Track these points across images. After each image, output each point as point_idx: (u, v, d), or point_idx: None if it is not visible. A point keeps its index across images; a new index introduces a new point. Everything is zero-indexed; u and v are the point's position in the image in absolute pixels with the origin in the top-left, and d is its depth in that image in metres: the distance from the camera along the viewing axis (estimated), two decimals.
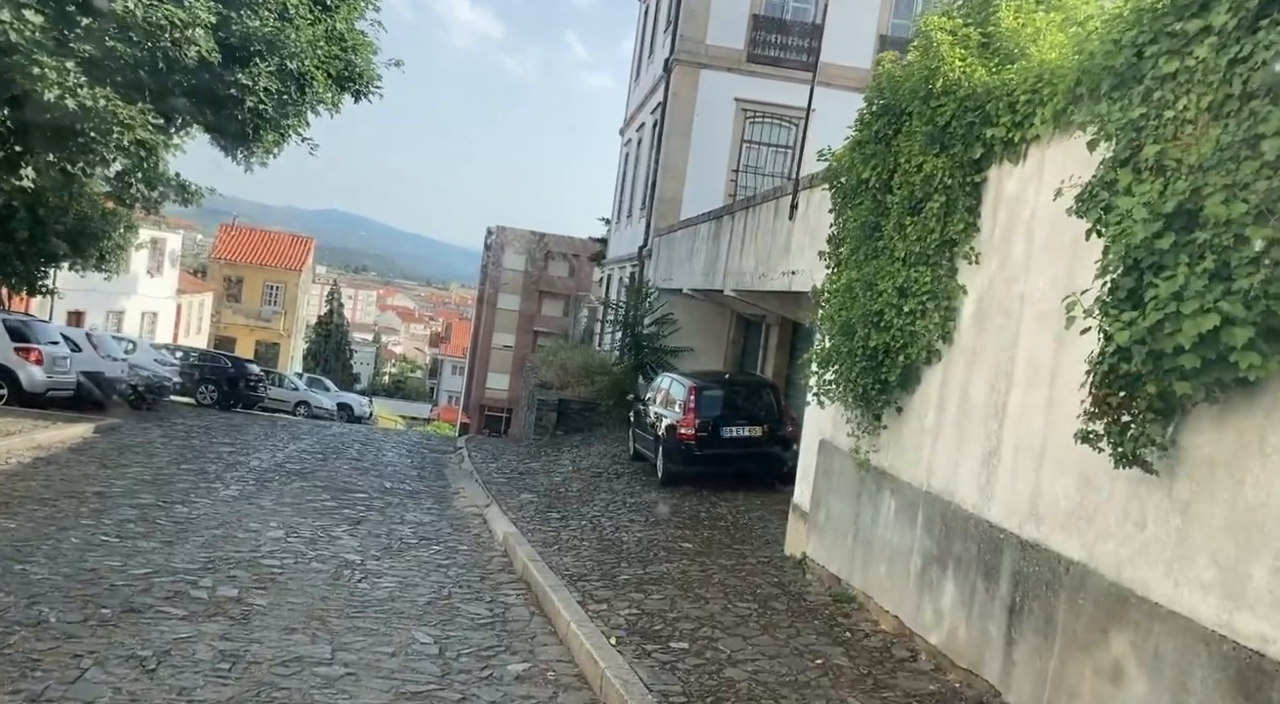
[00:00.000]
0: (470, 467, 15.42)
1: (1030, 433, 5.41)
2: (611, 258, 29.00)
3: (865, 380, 7.09)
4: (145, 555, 7.41)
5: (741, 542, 9.85)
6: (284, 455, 14.77)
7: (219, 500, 10.08)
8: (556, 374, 22.42)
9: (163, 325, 39.01)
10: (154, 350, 23.68)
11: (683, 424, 12.88)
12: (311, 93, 13.98)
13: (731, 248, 13.59)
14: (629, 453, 15.87)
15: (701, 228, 16.15)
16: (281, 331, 50.27)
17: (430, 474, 14.72)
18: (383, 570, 7.91)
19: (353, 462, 15.15)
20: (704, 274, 15.44)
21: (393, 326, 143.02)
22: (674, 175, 21.52)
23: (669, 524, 10.61)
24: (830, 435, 8.50)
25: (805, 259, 10.14)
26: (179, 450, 13.78)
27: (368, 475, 13.61)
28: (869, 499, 7.44)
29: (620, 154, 30.60)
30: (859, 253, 7.45)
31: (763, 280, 11.77)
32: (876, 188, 7.32)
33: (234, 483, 11.32)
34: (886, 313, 6.84)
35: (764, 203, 12.25)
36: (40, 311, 33.01)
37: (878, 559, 7.18)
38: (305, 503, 10.57)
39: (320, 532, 9.14)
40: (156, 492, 10.10)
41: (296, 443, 17.01)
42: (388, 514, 10.53)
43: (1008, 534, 5.49)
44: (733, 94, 21.52)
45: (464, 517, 10.92)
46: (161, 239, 38.42)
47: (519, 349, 76.58)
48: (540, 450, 17.76)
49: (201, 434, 16.58)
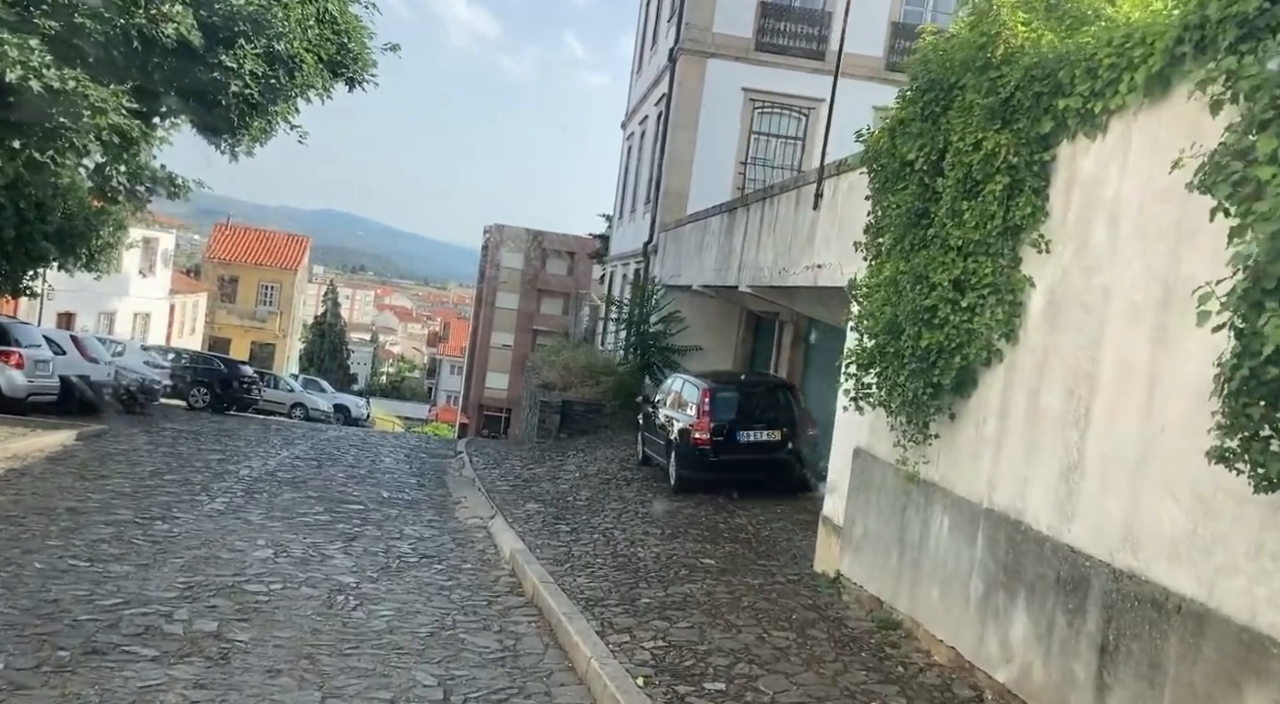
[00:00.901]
0: (472, 473, 14.71)
1: (1123, 446, 4.71)
2: (614, 254, 28.29)
3: (914, 384, 6.38)
4: (116, 582, 6.70)
5: (767, 557, 9.15)
6: (276, 463, 14.05)
7: (203, 515, 9.36)
8: (559, 374, 21.72)
9: (155, 326, 38.25)
10: (143, 352, 22.94)
11: (696, 428, 12.18)
12: (301, 77, 13.15)
13: (747, 241, 12.88)
14: (638, 457, 15.17)
15: (713, 221, 15.44)
16: (277, 332, 49.51)
17: (430, 482, 14.01)
18: (380, 595, 7.20)
19: (348, 469, 14.43)
20: (716, 270, 14.73)
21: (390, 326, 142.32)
22: (680, 168, 20.80)
23: (687, 537, 9.90)
24: (867, 444, 7.80)
25: (832, 251, 9.44)
26: (165, 458, 13.06)
27: (364, 484, 12.90)
28: (916, 515, 6.74)
29: (622, 149, 29.89)
30: (904, 243, 6.74)
31: (783, 275, 11.07)
32: (924, 170, 6.61)
33: (221, 495, 10.60)
34: (940, 309, 6.13)
35: (783, 193, 11.54)
36: (29, 313, 32.32)
37: (928, 582, 6.49)
38: (297, 516, 9.86)
39: (312, 550, 8.43)
40: (136, 506, 9.38)
41: (289, 449, 16.29)
42: (385, 528, 9.82)
43: (1095, 561, 4.78)
44: (740, 84, 20.81)
45: (467, 529, 10.22)
46: (154, 238, 37.65)
47: (518, 348, 75.90)
48: (544, 454, 17.06)
49: (190, 440, 15.86)
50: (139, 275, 36.91)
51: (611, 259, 28.72)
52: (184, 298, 42.07)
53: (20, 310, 31.78)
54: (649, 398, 15.11)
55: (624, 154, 29.33)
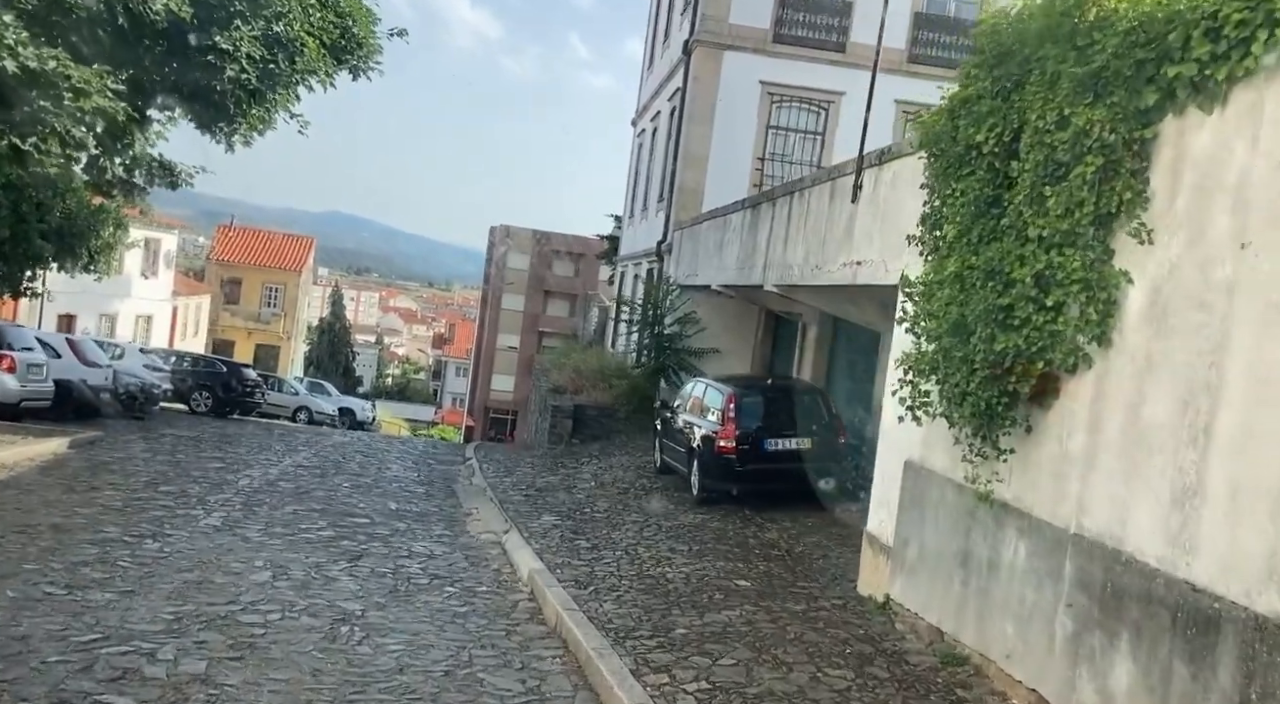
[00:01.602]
0: (483, 482, 14.04)
1: (1260, 469, 4.01)
2: (624, 254, 27.61)
3: (986, 393, 5.69)
4: (95, 613, 6.03)
5: (806, 577, 8.46)
6: (278, 472, 13.39)
7: (198, 532, 8.70)
8: (570, 378, 21.06)
9: (158, 329, 37.69)
10: (143, 355, 22.32)
11: (721, 435, 11.50)
12: (302, 62, 12.38)
13: (774, 238, 12.20)
14: (656, 465, 14.49)
15: (733, 218, 14.76)
16: (281, 334, 48.93)
17: (439, 491, 13.35)
18: (388, 625, 6.53)
19: (354, 477, 13.77)
20: (738, 268, 14.04)
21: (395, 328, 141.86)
22: (695, 165, 20.12)
23: (715, 554, 9.22)
24: (920, 456, 7.12)
25: (875, 247, 8.75)
26: (161, 467, 12.42)
27: (370, 494, 12.23)
28: (985, 538, 6.05)
29: (632, 146, 29.25)
30: (971, 235, 6.05)
31: (816, 273, 10.38)
32: (994, 153, 5.92)
33: (218, 508, 9.94)
34: (1019, 308, 5.44)
35: (815, 186, 10.85)
36: (29, 316, 31.79)
37: (1000, 614, 5.79)
38: (298, 532, 9.19)
39: (314, 571, 7.76)
40: (125, 522, 8.72)
41: (292, 456, 15.64)
42: (393, 544, 9.15)
43: (1227, 603, 4.09)
44: (757, 77, 20.13)
45: (480, 546, 9.54)
46: (155, 239, 37.09)
47: (524, 350, 75.31)
48: (557, 461, 16.38)
49: (189, 447, 15.22)
50: (141, 277, 36.36)
51: (622, 259, 28.05)
52: (187, 300, 41.51)
53: (20, 312, 31.29)
54: (668, 403, 14.43)
55: (634, 152, 28.68)
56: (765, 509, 11.36)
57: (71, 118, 9.79)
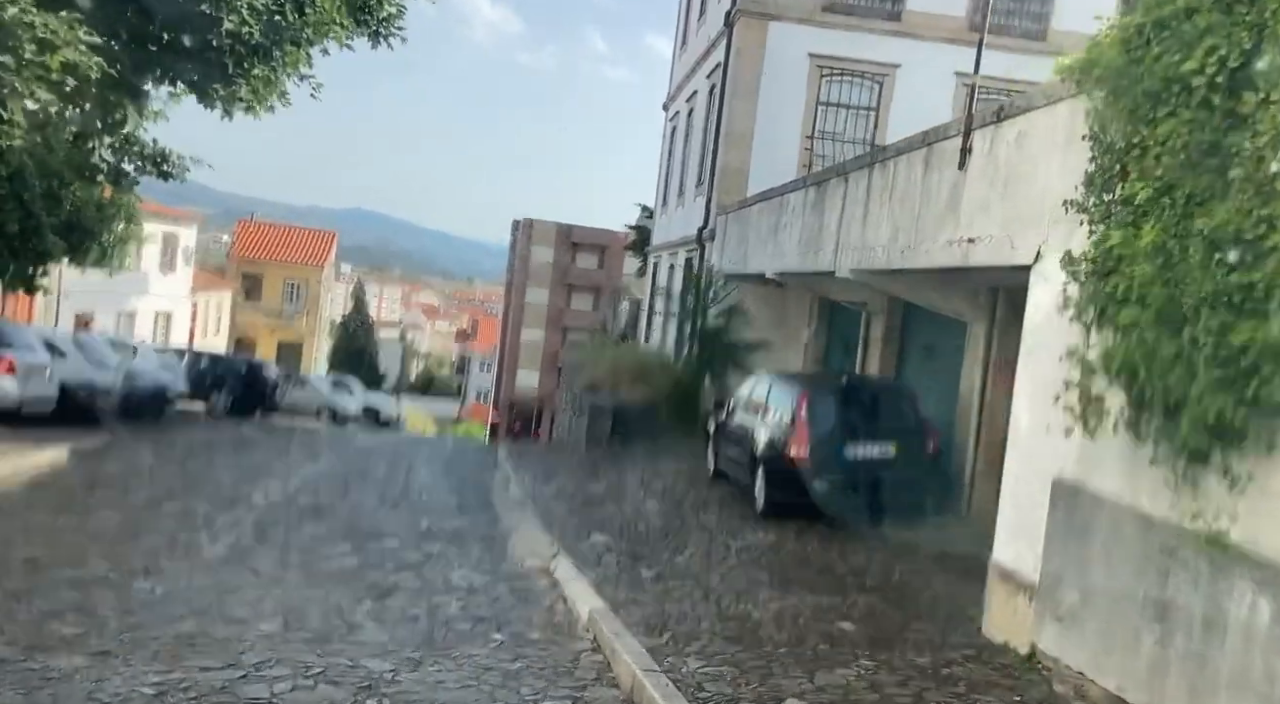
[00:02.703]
0: (520, 492, 12.76)
1: None
2: (657, 244, 26.24)
3: (1214, 400, 4.29)
4: (56, 686, 4.78)
5: (918, 617, 7.08)
6: (297, 483, 12.18)
7: (200, 565, 7.46)
8: (607, 375, 19.74)
9: (178, 326, 36.79)
10: (158, 355, 21.25)
11: (793, 442, 10.14)
12: (314, 15, 10.89)
13: (848, 218, 10.80)
14: (709, 471, 13.18)
15: (792, 198, 13.36)
16: (304, 331, 48.01)
17: (474, 504, 12.08)
18: (424, 692, 5.22)
19: (380, 489, 12.54)
20: (801, 253, 12.65)
21: (418, 323, 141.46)
22: (739, 144, 18.71)
23: (802, 584, 7.87)
24: (1077, 477, 5.72)
25: (994, 220, 7.34)
26: (168, 480, 11.24)
27: (399, 510, 10.98)
28: (1197, 588, 4.65)
29: (664, 130, 27.87)
30: (1177, 193, 4.64)
31: (909, 255, 8.97)
32: (1213, 85, 4.51)
33: (226, 532, 8.70)
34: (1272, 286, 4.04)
35: (902, 154, 9.44)
36: (46, 313, 30.93)
37: (1228, 691, 4.40)
38: (317, 562, 7.93)
39: (335, 616, 6.48)
40: (116, 554, 7.49)
41: (313, 464, 14.45)
42: (426, 576, 7.86)
43: None
44: (806, 49, 18.67)
45: (526, 575, 8.23)
46: (174, 234, 36.18)
47: (548, 344, 74.15)
48: (598, 466, 15.09)
49: (202, 454, 14.08)
50: (159, 273, 35.46)
51: (654, 249, 26.67)
52: (207, 296, 40.62)
53: (36, 310, 30.43)
54: (723, 403, 13.08)
55: (667, 136, 27.30)
56: (843, 526, 10.00)
57: (36, 77, 8.51)
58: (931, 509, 10.27)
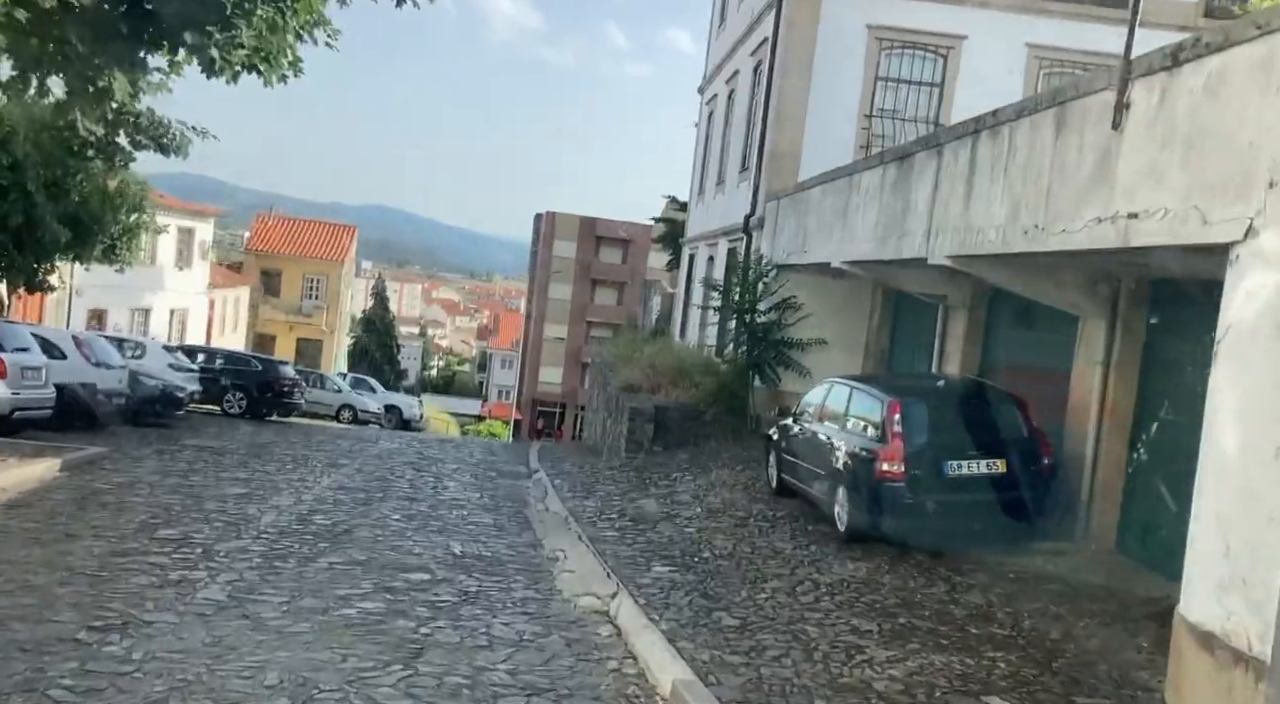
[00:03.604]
0: (560, 507, 11.42)
1: None
2: (693, 235, 24.83)
3: None
4: None
5: (1078, 683, 5.66)
6: (313, 497, 10.89)
7: (191, 613, 6.13)
8: (645, 374, 18.38)
9: (194, 323, 35.77)
10: (168, 354, 20.07)
11: (884, 456, 8.71)
12: None
13: (945, 196, 9.33)
14: (771, 484, 11.79)
15: (865, 178, 11.90)
16: (324, 327, 46.94)
17: (511, 521, 10.74)
18: None
19: (405, 503, 11.23)
20: (878, 239, 11.19)
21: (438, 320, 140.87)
22: (791, 124, 17.23)
23: (921, 636, 6.46)
24: None
25: (1170, 189, 5.88)
26: (168, 497, 9.96)
27: (427, 531, 9.65)
28: None
29: (700, 116, 26.47)
30: None
31: (1037, 236, 7.50)
32: None
33: (227, 566, 7.38)
34: None
35: (1022, 117, 7.96)
36: (57, 311, 29.94)
37: None
38: (334, 607, 6.60)
39: (354, 685, 5.14)
40: (91, 600, 6.18)
41: (331, 473, 13.17)
42: (465, 624, 6.51)
43: None
44: (864, 20, 17.18)
45: (582, 620, 6.87)
46: (189, 228, 35.15)
47: (571, 340, 72.98)
48: (642, 475, 13.74)
49: (210, 463, 12.83)
50: (174, 269, 34.45)
51: (690, 240, 25.25)
52: (224, 292, 39.59)
53: (48, 308, 29.45)
54: (788, 409, 11.66)
55: (702, 122, 25.89)
56: (940, 554, 8.59)
57: None
58: (1044, 534, 8.85)
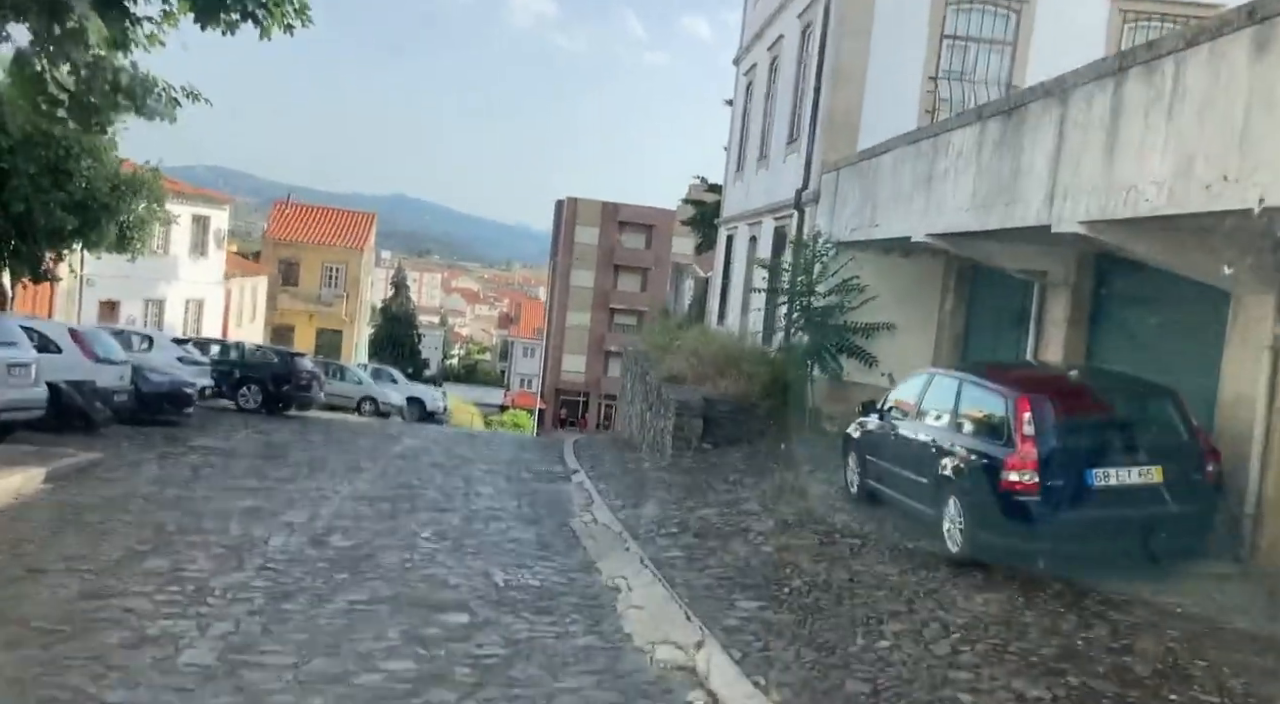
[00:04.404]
0: (611, 518, 10.01)
1: None
2: (731, 214, 23.29)
3: None
4: None
5: None
6: (330, 513, 9.52)
7: (166, 688, 4.74)
8: (688, 364, 16.90)
9: (210, 314, 34.62)
10: (178, 347, 18.78)
11: (1012, 464, 7.22)
12: None
13: (1075, 150, 7.77)
14: (850, 489, 10.33)
15: (956, 137, 10.33)
16: (344, 317, 45.76)
17: (556, 537, 9.34)
18: None
19: (435, 516, 9.85)
20: (978, 207, 9.63)
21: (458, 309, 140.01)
22: (848, 89, 15.65)
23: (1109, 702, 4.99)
24: None
25: None
26: (162, 515, 8.62)
27: (462, 552, 8.26)
28: None
29: (736, 90, 24.95)
30: None
31: (1222, 191, 5.94)
32: None
33: (221, 613, 5.99)
34: None
35: (1195, 44, 6.38)
36: (68, 303, 28.85)
37: None
38: (353, 672, 5.18)
39: None
40: (41, 667, 4.80)
41: (353, 480, 11.82)
42: (517, 692, 5.09)
43: None
44: None
45: (664, 685, 5.43)
46: (203, 216, 33.95)
47: (595, 328, 71.59)
48: (696, 479, 12.30)
49: (217, 469, 11.52)
50: (189, 258, 33.28)
51: (729, 220, 23.70)
52: (241, 282, 38.43)
53: (58, 299, 28.35)
54: (874, 404, 10.16)
55: (740, 95, 24.34)
56: (1081, 578, 7.10)
57: None
58: (1201, 555, 7.34)
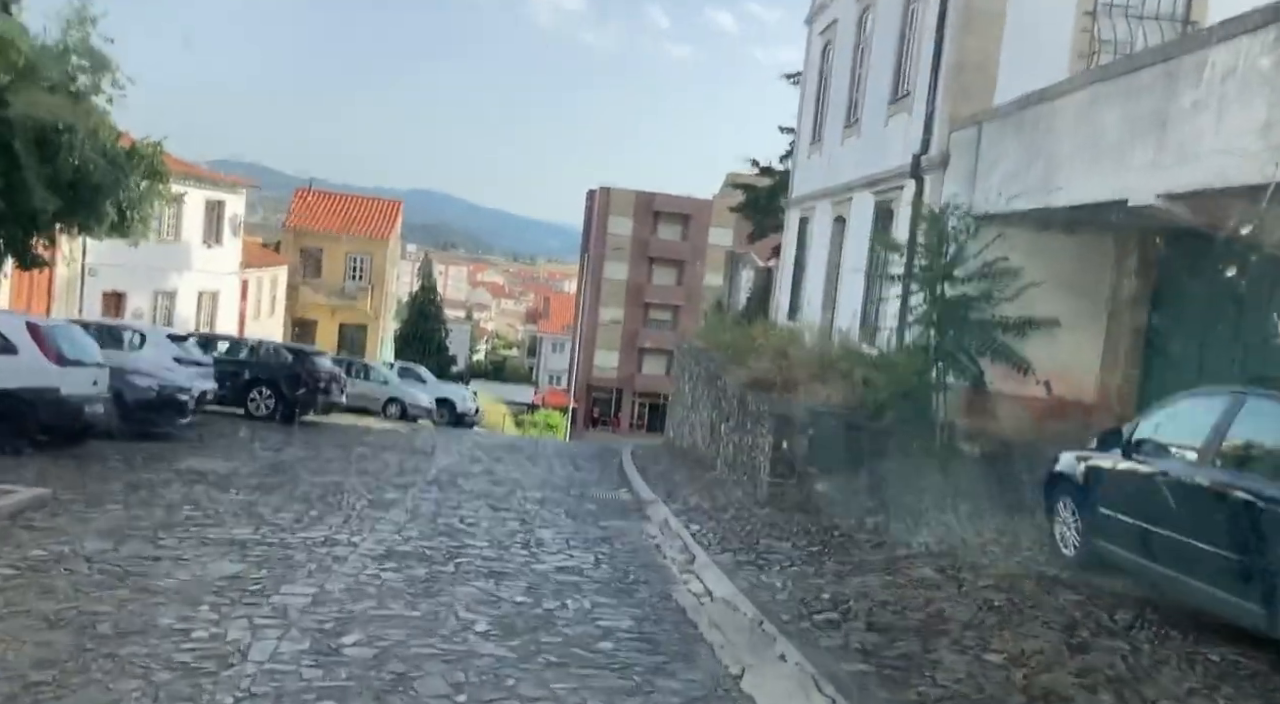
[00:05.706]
0: (729, 590, 7.16)
1: None
2: (807, 193, 20.35)
3: None
4: None
5: None
6: (344, 585, 6.74)
7: None
8: (775, 366, 14.03)
9: (225, 307, 32.17)
10: (174, 345, 16.15)
11: None
12: None
13: None
14: (1059, 545, 7.45)
15: (1219, 53, 7.34)
16: (369, 311, 43.28)
17: (664, 624, 6.51)
18: None
19: (489, 588, 7.03)
20: (1273, 146, 6.66)
21: (484, 303, 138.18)
22: (984, 28, 12.67)
23: None
24: None
25: None
26: (98, 598, 5.89)
27: (536, 662, 5.43)
28: None
29: (808, 53, 22.07)
30: None
31: None
32: None
33: None
34: None
35: None
36: (68, 294, 26.52)
37: None
38: None
39: None
40: None
41: (376, 522, 9.05)
42: None
43: None
44: None
45: None
46: (217, 200, 31.49)
47: (629, 323, 68.83)
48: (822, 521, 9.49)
49: (202, 508, 8.82)
50: (203, 246, 30.84)
51: (802, 200, 20.76)
52: (260, 273, 35.96)
53: (56, 290, 26.00)
54: (1117, 433, 7.23)
55: (814, 58, 21.44)
56: None
57: None
58: None
